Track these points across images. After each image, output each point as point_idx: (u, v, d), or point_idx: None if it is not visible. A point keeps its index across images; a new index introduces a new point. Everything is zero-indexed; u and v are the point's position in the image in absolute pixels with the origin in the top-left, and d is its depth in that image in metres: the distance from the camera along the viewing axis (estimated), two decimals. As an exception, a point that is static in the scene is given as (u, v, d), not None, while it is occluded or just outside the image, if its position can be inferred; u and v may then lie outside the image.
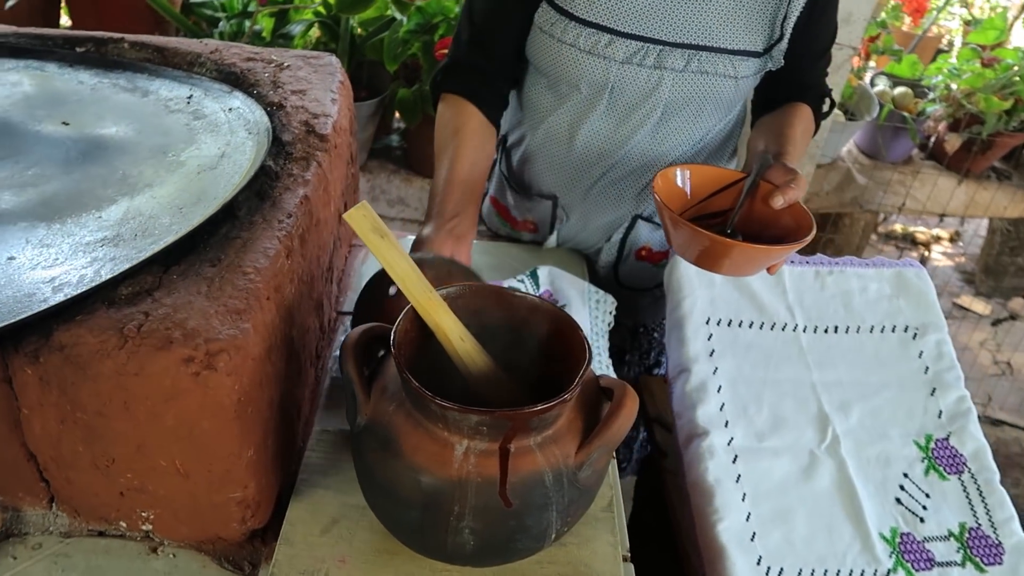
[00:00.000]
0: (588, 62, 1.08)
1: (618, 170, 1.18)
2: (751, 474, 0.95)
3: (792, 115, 1.14)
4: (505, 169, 1.31)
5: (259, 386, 0.67)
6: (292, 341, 0.76)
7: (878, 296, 1.13)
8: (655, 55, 1.06)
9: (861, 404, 1.03)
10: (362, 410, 0.67)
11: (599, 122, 1.14)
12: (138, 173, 0.82)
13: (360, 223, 0.65)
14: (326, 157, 0.89)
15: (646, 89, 1.09)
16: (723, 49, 1.06)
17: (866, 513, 0.94)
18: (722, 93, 1.10)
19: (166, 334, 0.60)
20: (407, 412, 0.64)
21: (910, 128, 2.11)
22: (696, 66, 1.07)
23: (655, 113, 1.11)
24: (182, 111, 0.95)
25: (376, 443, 0.65)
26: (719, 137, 1.19)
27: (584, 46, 1.07)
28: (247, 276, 0.67)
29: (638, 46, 1.06)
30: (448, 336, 0.68)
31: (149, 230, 0.72)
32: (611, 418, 0.65)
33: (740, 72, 1.08)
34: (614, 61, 1.07)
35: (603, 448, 0.65)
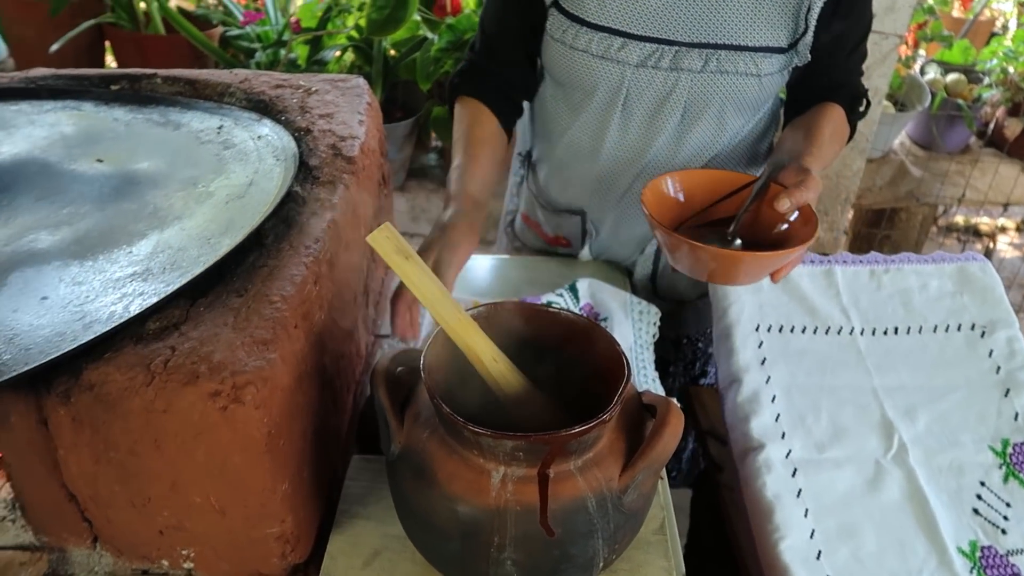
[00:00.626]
0: (602, 67, 1.05)
1: (644, 180, 1.14)
2: (813, 488, 0.90)
3: (821, 116, 1.07)
4: (533, 186, 1.28)
5: (290, 417, 0.65)
6: (324, 369, 0.75)
7: (939, 293, 1.06)
8: (671, 56, 1.03)
9: (928, 409, 0.97)
10: (395, 438, 0.64)
11: (618, 131, 1.10)
12: (168, 206, 0.82)
13: (383, 245, 0.64)
14: (353, 179, 0.88)
15: (663, 92, 1.05)
16: (743, 46, 1.02)
17: (941, 526, 0.88)
18: (745, 93, 1.05)
19: (192, 368, 0.59)
20: (441, 439, 0.62)
21: (966, 116, 2.01)
22: (715, 66, 1.02)
23: (674, 117, 1.07)
24: (212, 141, 0.96)
25: (410, 472, 0.63)
26: (750, 138, 1.14)
27: (597, 51, 1.04)
28: (274, 305, 0.66)
29: (652, 48, 1.03)
30: (480, 358, 0.66)
31: (177, 263, 0.71)
32: (655, 437, 0.61)
33: (763, 70, 1.03)
34: (628, 65, 1.04)
35: (648, 469, 0.61)
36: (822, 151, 1.02)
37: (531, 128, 1.25)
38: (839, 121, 1.09)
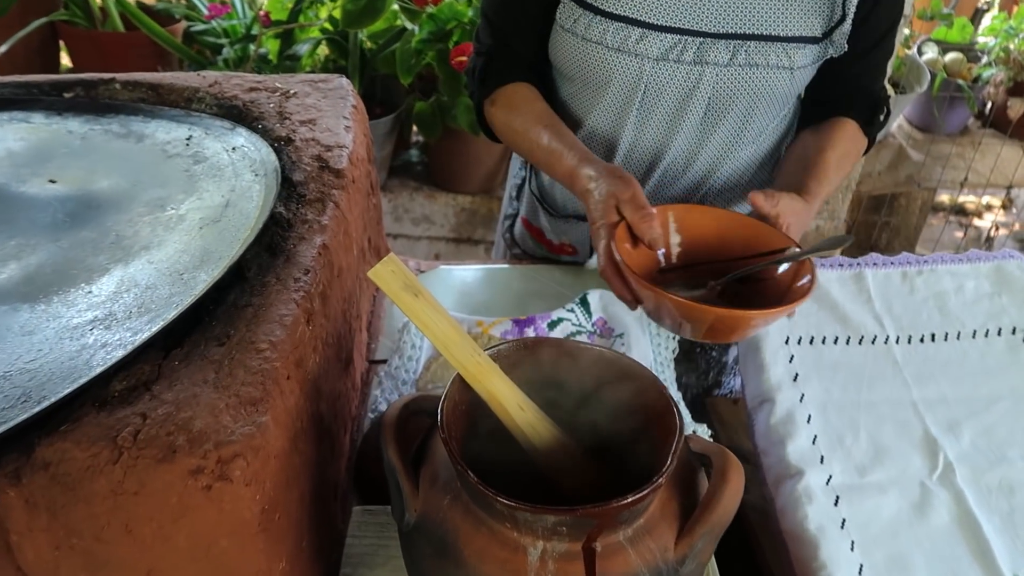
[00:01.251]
0: (618, 61, 0.95)
1: (660, 182, 1.05)
2: (857, 517, 0.82)
3: (830, 136, 0.99)
4: (536, 189, 1.19)
5: (286, 487, 0.56)
6: (322, 418, 0.66)
7: (976, 295, 0.99)
8: (694, 49, 0.93)
9: (972, 423, 0.90)
10: (410, 505, 0.56)
11: (634, 130, 1.01)
12: (133, 233, 0.72)
13: (388, 282, 0.54)
14: (344, 195, 0.79)
15: (685, 88, 0.96)
16: (775, 36, 0.92)
17: (995, 552, 0.81)
18: (776, 87, 0.96)
19: (168, 441, 0.50)
20: (465, 507, 0.53)
21: (967, 96, 1.95)
22: (743, 58, 0.93)
23: (696, 115, 0.98)
24: (181, 155, 0.85)
25: (431, 547, 0.54)
26: (775, 135, 1.06)
27: (612, 43, 0.94)
28: (262, 354, 0.57)
29: (675, 40, 0.93)
30: (504, 406, 0.57)
31: (146, 305, 0.62)
32: (715, 498, 0.53)
33: (796, 62, 0.94)
34: (647, 59, 0.94)
35: (708, 535, 0.53)
36: (823, 182, 0.94)
37: None
38: (851, 141, 1.01)
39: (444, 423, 0.54)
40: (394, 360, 0.93)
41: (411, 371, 0.92)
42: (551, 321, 0.96)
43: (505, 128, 1.01)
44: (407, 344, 0.94)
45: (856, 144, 1.02)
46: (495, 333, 0.96)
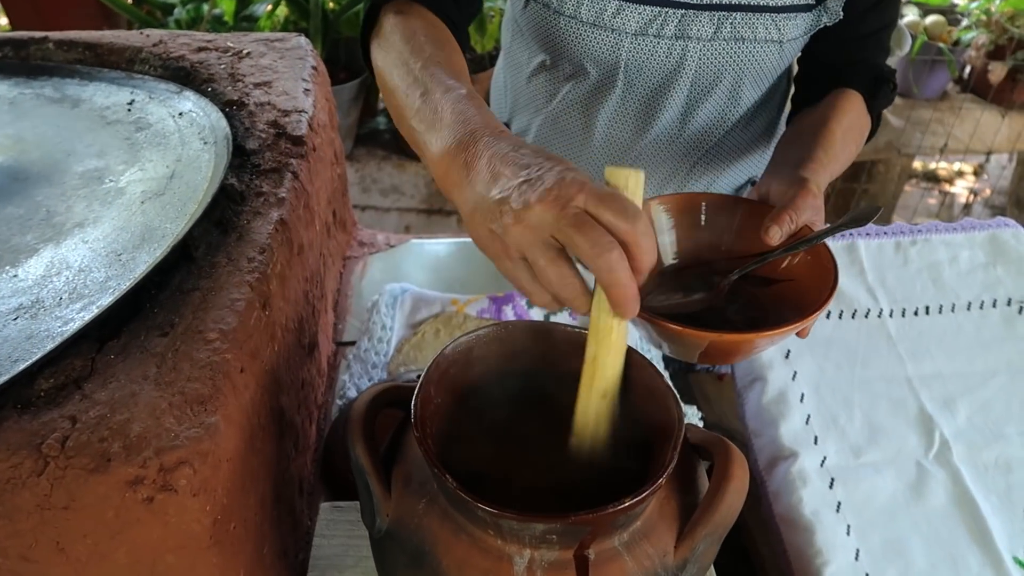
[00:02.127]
0: (593, 36, 0.87)
1: (642, 161, 0.99)
2: (852, 500, 0.79)
3: (833, 110, 0.86)
4: None
5: (242, 492, 0.50)
6: (283, 412, 0.59)
7: (971, 266, 0.95)
8: (675, 22, 0.86)
9: (968, 399, 0.87)
10: (382, 510, 0.50)
11: (614, 109, 0.94)
12: (66, 209, 0.64)
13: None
14: (304, 164, 0.72)
15: (667, 65, 0.89)
16: (762, 6, 0.85)
17: (993, 532, 0.78)
18: (764, 62, 0.89)
19: (101, 448, 0.43)
20: (443, 512, 0.48)
21: (948, 60, 1.91)
22: (729, 32, 0.86)
23: (680, 93, 0.91)
24: (122, 121, 0.77)
25: (405, 556, 0.48)
26: (766, 113, 0.99)
27: (587, 17, 0.86)
28: (211, 345, 0.50)
29: (654, 12, 0.85)
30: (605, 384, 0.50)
31: (78, 290, 0.55)
32: (717, 496, 0.48)
33: (786, 34, 0.87)
34: (625, 33, 0.86)
35: (711, 536, 0.48)
36: (830, 157, 0.80)
37: (507, 96, 1.07)
38: (855, 114, 0.88)
39: (418, 420, 0.48)
40: (363, 342, 0.87)
41: (382, 353, 0.86)
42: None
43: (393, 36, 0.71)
44: (377, 325, 0.88)
45: (862, 117, 0.89)
46: (471, 312, 0.91)
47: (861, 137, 0.91)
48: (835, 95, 0.88)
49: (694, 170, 1.02)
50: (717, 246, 0.76)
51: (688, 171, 1.01)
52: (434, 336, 0.89)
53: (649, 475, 0.46)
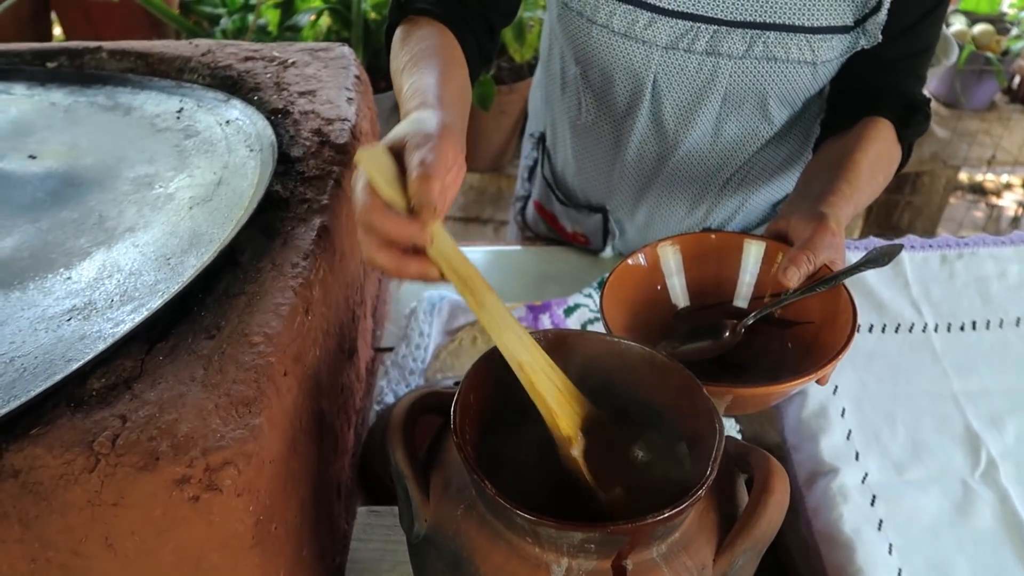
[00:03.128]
0: (624, 47, 0.86)
1: (675, 177, 0.98)
2: (895, 518, 0.77)
3: (859, 141, 0.82)
4: (548, 174, 1.11)
5: (283, 494, 0.51)
6: (323, 415, 0.60)
7: (1020, 280, 0.93)
8: (707, 38, 0.84)
9: (1017, 416, 0.84)
10: (420, 515, 0.50)
11: (646, 120, 0.93)
12: (118, 214, 0.66)
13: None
14: (346, 172, 0.73)
15: (698, 81, 0.88)
16: (797, 27, 0.83)
17: (1042, 556, 0.76)
18: (796, 82, 0.87)
19: (150, 447, 0.44)
20: (481, 518, 0.48)
21: (996, 69, 1.87)
22: (761, 50, 0.84)
23: (711, 109, 0.90)
24: (171, 128, 0.79)
25: (442, 562, 0.49)
26: (799, 133, 0.97)
27: (619, 27, 0.85)
28: (255, 348, 0.51)
29: (686, 27, 0.84)
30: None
31: (128, 293, 0.56)
32: (757, 510, 0.47)
33: (820, 55, 0.85)
34: (656, 46, 0.85)
35: (751, 551, 0.48)
36: (853, 189, 0.77)
37: (545, 107, 1.08)
38: (884, 144, 0.84)
39: (457, 425, 0.48)
40: (401, 348, 0.88)
41: (419, 360, 0.86)
42: (567, 307, 0.90)
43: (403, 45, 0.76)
44: (415, 331, 0.89)
45: (891, 147, 0.86)
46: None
47: (890, 168, 0.88)
48: (864, 124, 0.85)
49: (727, 186, 1.00)
50: (731, 287, 0.74)
51: (721, 187, 1.00)
52: (471, 343, 0.89)
53: (689, 487, 0.46)
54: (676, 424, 0.53)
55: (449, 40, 0.78)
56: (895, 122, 0.85)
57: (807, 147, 1.01)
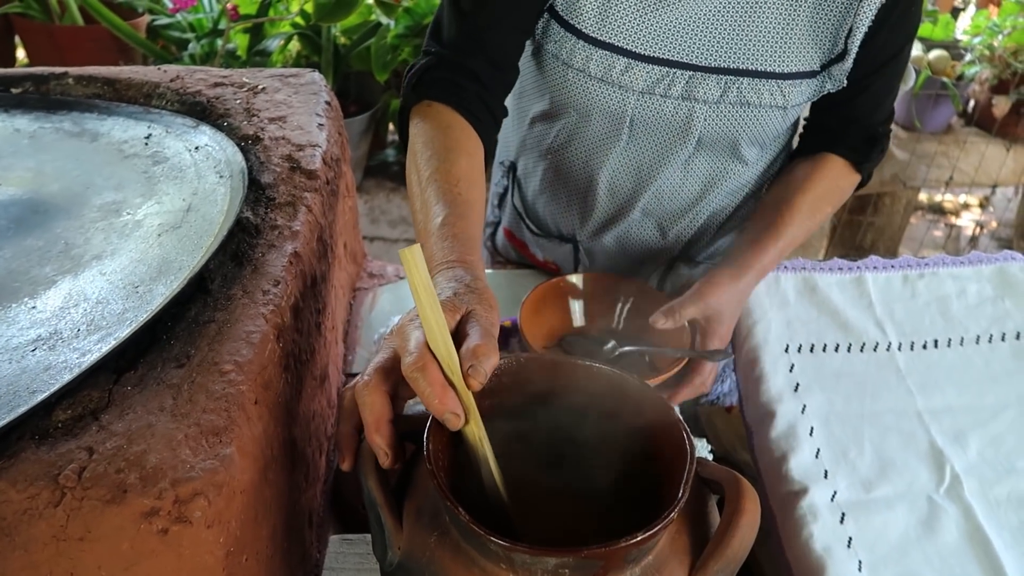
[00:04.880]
0: (600, 92, 0.87)
1: (646, 210, 1.00)
2: (864, 535, 0.78)
3: (809, 177, 0.91)
4: (518, 203, 1.11)
5: (254, 524, 0.50)
6: (294, 443, 0.60)
7: (979, 299, 0.96)
8: (683, 83, 0.85)
9: (978, 433, 0.86)
10: (393, 542, 0.50)
11: (619, 159, 0.94)
12: (84, 241, 0.65)
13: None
14: (317, 198, 0.73)
15: (673, 124, 0.89)
16: (770, 73, 0.85)
17: (1007, 569, 0.77)
18: (767, 126, 0.89)
19: (117, 479, 0.44)
20: (455, 545, 0.48)
21: (952, 94, 1.93)
22: (735, 96, 0.86)
23: (685, 149, 0.92)
24: (139, 155, 0.79)
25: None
26: (767, 160, 0.99)
27: (596, 72, 0.85)
28: (226, 376, 0.51)
29: (662, 72, 0.85)
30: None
31: (95, 322, 0.55)
32: (729, 530, 0.48)
33: (791, 99, 0.87)
34: (632, 91, 0.86)
35: (724, 572, 0.48)
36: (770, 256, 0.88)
37: (513, 136, 1.08)
38: (832, 181, 0.92)
39: (431, 453, 0.48)
40: (372, 373, 0.87)
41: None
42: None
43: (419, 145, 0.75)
44: (386, 356, 0.88)
45: (840, 182, 0.94)
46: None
47: (835, 200, 0.96)
48: (815, 163, 0.92)
49: (697, 217, 1.02)
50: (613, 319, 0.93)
51: (691, 219, 1.02)
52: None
53: (660, 509, 0.46)
54: (646, 446, 0.53)
55: (465, 138, 0.78)
56: (853, 156, 0.92)
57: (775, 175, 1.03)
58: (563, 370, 0.55)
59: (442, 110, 0.79)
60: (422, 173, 0.71)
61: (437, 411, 0.49)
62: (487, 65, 0.81)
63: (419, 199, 0.70)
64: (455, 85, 0.80)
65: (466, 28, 0.81)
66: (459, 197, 0.68)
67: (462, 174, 0.71)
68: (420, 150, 0.75)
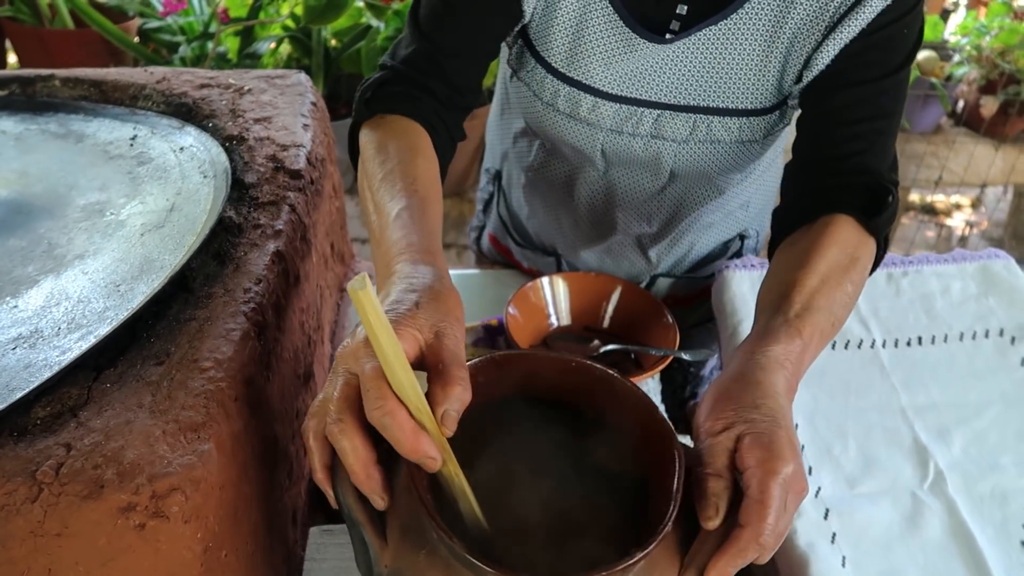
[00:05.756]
0: (569, 127, 0.85)
1: (625, 231, 1.00)
2: (848, 531, 0.79)
3: (814, 247, 0.69)
4: (504, 214, 1.11)
5: (234, 520, 0.50)
6: (276, 440, 0.60)
7: (963, 297, 0.96)
8: (651, 122, 0.84)
9: (962, 429, 0.87)
10: (379, 560, 0.48)
11: (597, 183, 0.94)
12: (67, 241, 0.66)
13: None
14: (301, 197, 0.73)
15: (644, 159, 0.88)
16: (740, 111, 0.82)
17: (990, 565, 0.77)
18: (740, 158, 0.88)
19: (95, 475, 0.44)
20: (445, 563, 0.46)
21: (940, 95, 1.94)
22: (704, 134, 0.84)
23: (659, 180, 0.91)
24: (124, 156, 0.79)
25: (409, 609, 0.48)
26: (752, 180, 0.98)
27: (564, 108, 0.84)
28: (206, 373, 0.51)
29: (629, 111, 0.83)
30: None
31: (76, 320, 0.56)
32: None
33: (763, 132, 0.85)
34: (600, 128, 0.85)
35: None
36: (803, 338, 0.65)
37: (498, 146, 1.07)
38: (839, 247, 0.70)
39: (414, 474, 0.47)
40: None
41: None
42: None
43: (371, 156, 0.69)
44: (372, 355, 0.88)
45: (853, 248, 0.71)
46: (467, 341, 0.91)
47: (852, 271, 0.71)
48: (819, 229, 0.71)
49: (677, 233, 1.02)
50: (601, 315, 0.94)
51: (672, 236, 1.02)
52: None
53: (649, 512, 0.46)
54: (631, 449, 0.53)
55: (421, 141, 0.72)
56: (859, 215, 0.72)
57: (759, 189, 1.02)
58: (545, 367, 0.55)
59: (397, 119, 0.73)
60: (374, 177, 0.65)
61: (412, 457, 0.45)
62: (445, 86, 0.77)
63: (371, 201, 0.63)
64: (411, 97, 0.75)
65: (424, 48, 0.77)
66: (416, 194, 0.63)
67: (419, 174, 0.66)
68: (372, 156, 0.68)
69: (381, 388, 0.43)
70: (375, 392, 0.44)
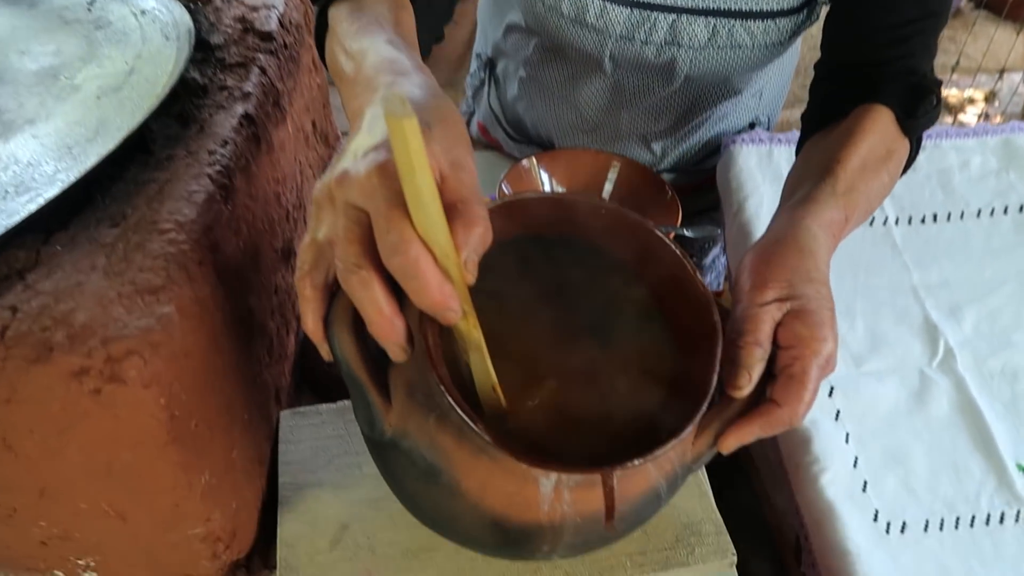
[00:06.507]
0: (575, 33, 0.78)
1: (630, 127, 0.93)
2: (853, 408, 0.76)
3: (850, 133, 0.63)
4: (495, 100, 1.03)
5: (203, 389, 0.47)
6: (252, 313, 0.57)
7: (983, 172, 0.91)
8: (666, 28, 0.76)
9: (975, 307, 0.84)
10: (383, 419, 0.44)
11: (602, 85, 0.87)
12: (17, 107, 0.60)
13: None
14: (273, 61, 0.67)
15: (655, 69, 0.81)
16: (765, 12, 0.75)
17: (997, 440, 0.75)
18: (761, 63, 0.82)
19: (43, 337, 0.40)
20: (457, 430, 0.42)
21: (962, -29, 1.82)
22: (725, 39, 0.77)
23: (672, 85, 0.84)
24: (81, 20, 0.73)
25: (415, 470, 0.44)
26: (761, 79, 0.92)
27: (568, 12, 0.77)
28: (166, 235, 0.47)
29: (641, 16, 0.76)
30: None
31: (25, 183, 0.51)
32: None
33: (782, 35, 0.78)
34: (609, 36, 0.78)
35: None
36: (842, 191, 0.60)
37: (488, 37, 0.99)
38: (882, 134, 0.64)
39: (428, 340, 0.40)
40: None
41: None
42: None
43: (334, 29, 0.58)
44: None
45: (891, 140, 0.65)
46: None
47: (890, 165, 0.66)
48: (853, 117, 0.65)
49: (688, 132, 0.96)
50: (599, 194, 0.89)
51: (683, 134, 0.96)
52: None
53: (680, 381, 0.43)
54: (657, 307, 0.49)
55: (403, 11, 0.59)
56: (897, 110, 0.65)
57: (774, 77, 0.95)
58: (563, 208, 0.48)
59: None
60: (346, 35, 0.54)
61: (433, 310, 0.37)
62: None
63: (343, 52, 0.52)
64: None
65: None
66: (401, 36, 0.53)
67: (403, 22, 0.56)
68: (345, 17, 0.56)
69: (404, 230, 0.35)
70: (397, 235, 0.35)
